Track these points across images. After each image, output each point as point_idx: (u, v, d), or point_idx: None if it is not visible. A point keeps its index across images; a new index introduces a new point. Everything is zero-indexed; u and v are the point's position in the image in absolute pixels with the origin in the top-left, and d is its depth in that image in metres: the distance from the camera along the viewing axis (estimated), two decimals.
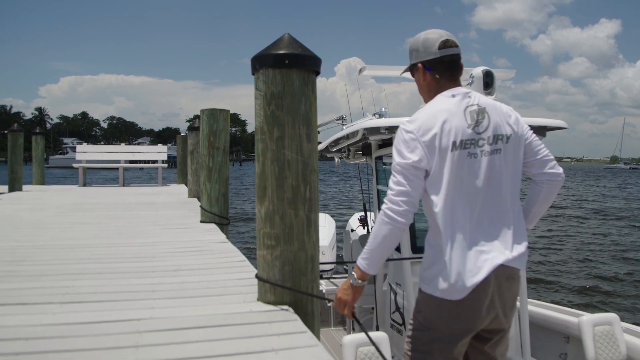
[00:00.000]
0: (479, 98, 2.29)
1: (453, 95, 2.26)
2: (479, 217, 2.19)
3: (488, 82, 4.17)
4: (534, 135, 2.39)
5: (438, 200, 2.16)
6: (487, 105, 2.28)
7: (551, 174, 2.37)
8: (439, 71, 2.32)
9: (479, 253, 2.15)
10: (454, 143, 2.16)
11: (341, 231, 8.54)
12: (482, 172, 2.19)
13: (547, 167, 2.37)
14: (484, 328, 2.24)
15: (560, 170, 2.39)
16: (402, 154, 2.17)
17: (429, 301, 2.22)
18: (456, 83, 2.34)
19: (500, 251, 2.18)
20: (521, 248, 2.25)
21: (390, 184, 2.17)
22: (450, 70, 2.33)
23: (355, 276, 2.23)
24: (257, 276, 2.73)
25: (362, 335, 3.36)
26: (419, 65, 2.35)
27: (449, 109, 2.21)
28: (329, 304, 6.66)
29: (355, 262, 2.28)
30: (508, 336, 2.37)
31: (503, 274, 2.18)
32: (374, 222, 5.66)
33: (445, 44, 2.30)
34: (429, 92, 2.37)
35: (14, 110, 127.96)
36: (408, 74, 2.53)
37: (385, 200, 2.16)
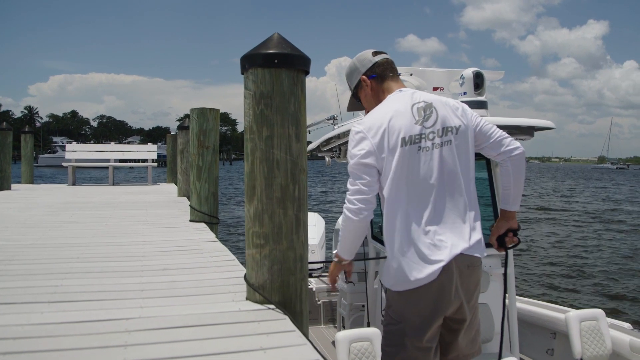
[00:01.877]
0: (425, 95, 2.43)
1: (397, 96, 2.42)
2: (435, 207, 2.30)
3: (478, 83, 4.21)
4: (484, 120, 2.52)
5: (390, 197, 2.29)
6: (434, 100, 2.41)
7: (509, 150, 2.48)
8: (380, 72, 2.52)
9: (438, 242, 2.26)
10: (403, 139, 2.28)
11: (330, 229, 8.55)
12: (434, 164, 2.31)
13: (503, 147, 2.48)
14: (451, 317, 2.34)
15: (517, 144, 2.51)
16: (353, 154, 2.32)
17: (397, 295, 2.34)
18: (399, 83, 2.52)
19: (458, 240, 2.29)
20: (477, 235, 2.36)
21: (347, 184, 2.33)
22: (390, 70, 2.53)
23: (336, 259, 2.55)
24: (245, 279, 2.74)
25: (355, 331, 3.38)
26: (362, 77, 2.55)
27: (396, 109, 2.34)
28: (319, 302, 6.68)
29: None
30: (476, 323, 2.48)
31: (463, 262, 2.29)
32: None
33: (377, 52, 2.57)
34: (377, 100, 2.52)
35: (3, 108, 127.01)
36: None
37: (345, 199, 2.32)
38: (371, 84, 2.54)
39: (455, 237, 2.29)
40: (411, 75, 4.45)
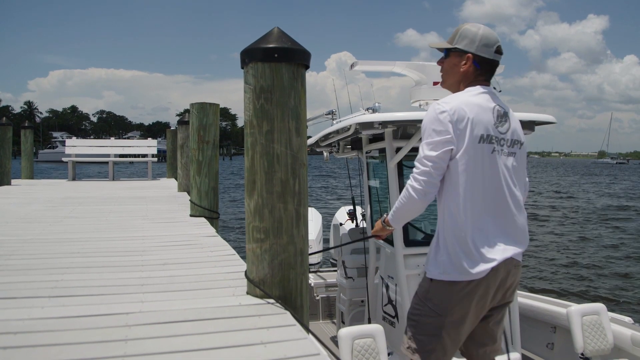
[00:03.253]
0: (501, 102, 2.43)
1: (483, 92, 2.38)
2: (495, 210, 2.32)
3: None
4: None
5: (462, 190, 2.27)
6: (508, 110, 2.43)
7: (527, 183, 2.64)
8: (484, 70, 2.43)
9: (495, 243, 2.29)
10: (482, 136, 2.27)
11: (328, 224, 8.56)
12: (500, 170, 2.32)
13: (525, 178, 2.61)
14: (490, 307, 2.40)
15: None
16: (431, 132, 2.25)
17: (443, 288, 2.32)
18: (488, 83, 2.47)
19: (511, 244, 2.33)
20: (525, 246, 2.41)
21: (416, 162, 2.26)
22: (491, 73, 2.47)
23: (385, 223, 2.55)
24: (246, 274, 2.74)
25: (358, 327, 3.38)
26: (469, 55, 2.40)
27: (480, 104, 2.32)
28: (317, 298, 6.68)
29: (343, 259, 2.38)
30: (504, 321, 2.57)
31: (511, 263, 2.34)
32: (362, 217, 5.68)
33: (499, 50, 2.44)
34: (459, 81, 2.46)
35: (2, 104, 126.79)
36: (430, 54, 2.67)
37: (411, 176, 2.26)
38: (468, 67, 2.42)
39: (509, 240, 2.33)
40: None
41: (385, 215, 2.57)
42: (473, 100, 2.32)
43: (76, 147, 12.91)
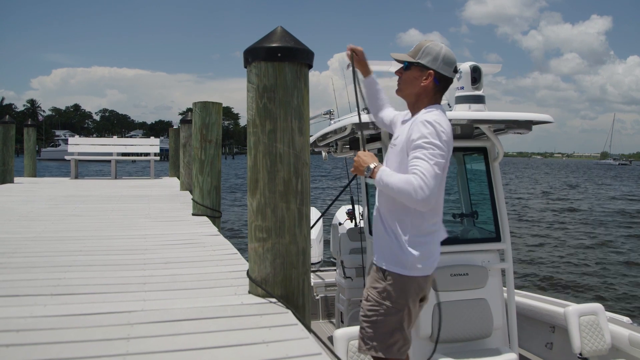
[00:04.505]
0: None
1: (443, 110, 2.57)
2: (440, 212, 2.61)
3: (476, 77, 4.18)
4: None
5: (439, 196, 2.50)
6: None
7: None
8: (442, 87, 2.60)
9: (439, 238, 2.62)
10: (452, 149, 2.50)
11: (328, 224, 8.55)
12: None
13: None
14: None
15: None
16: (441, 155, 2.35)
17: (403, 285, 2.50)
18: (440, 101, 2.65)
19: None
20: None
21: (430, 171, 2.30)
22: (445, 90, 2.65)
23: (372, 171, 2.42)
24: (248, 273, 2.74)
25: (354, 328, 3.38)
26: (431, 71, 2.54)
27: (447, 121, 2.49)
28: (317, 297, 6.68)
29: (341, 259, 2.42)
30: None
31: None
32: (361, 216, 5.67)
33: (455, 70, 2.61)
34: (417, 93, 2.58)
35: (5, 102, 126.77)
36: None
37: (420, 176, 2.28)
38: (429, 83, 2.55)
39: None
40: None
41: (380, 166, 2.45)
42: (447, 118, 2.51)
43: (79, 145, 12.94)
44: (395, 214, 2.50)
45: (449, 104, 4.41)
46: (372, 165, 2.43)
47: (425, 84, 2.54)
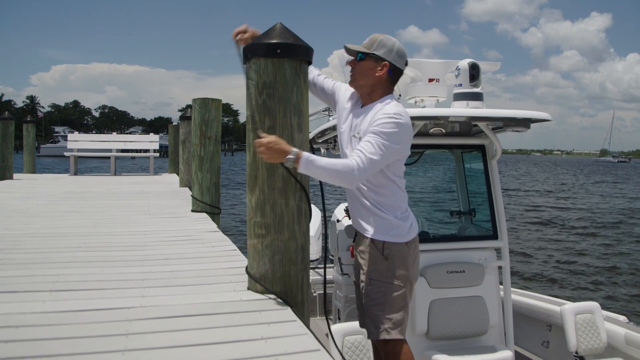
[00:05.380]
0: None
1: (398, 101, 2.78)
2: None
3: (474, 75, 4.19)
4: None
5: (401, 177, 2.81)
6: None
7: None
8: (394, 79, 2.80)
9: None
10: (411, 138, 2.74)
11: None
12: None
13: None
14: None
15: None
16: (393, 141, 2.57)
17: (402, 255, 2.72)
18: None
19: None
20: None
21: (368, 154, 2.50)
22: (397, 82, 2.85)
23: (293, 160, 2.41)
24: (247, 270, 2.74)
25: (350, 324, 3.39)
26: (386, 62, 2.72)
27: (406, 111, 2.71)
28: (314, 294, 6.69)
29: (339, 256, 2.52)
30: None
31: None
32: None
33: (407, 63, 2.83)
34: (372, 84, 2.75)
35: (4, 98, 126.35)
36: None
37: (360, 156, 2.50)
38: (384, 74, 2.72)
39: None
40: None
41: (301, 151, 2.44)
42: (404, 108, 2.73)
43: (78, 141, 12.92)
44: (379, 197, 2.76)
45: (399, 95, 4.43)
46: (294, 151, 2.41)
47: (380, 74, 2.71)
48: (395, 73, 2.76)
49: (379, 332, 2.70)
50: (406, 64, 2.81)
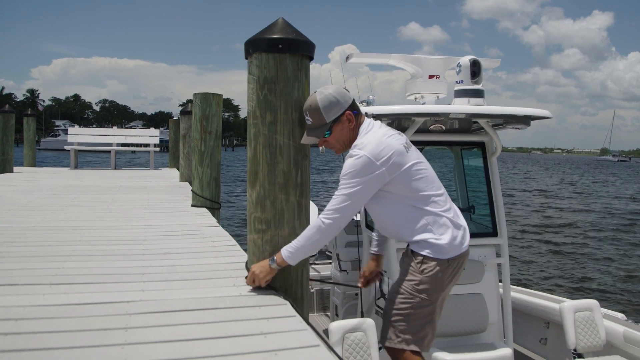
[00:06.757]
0: None
1: (368, 124, 2.61)
2: None
3: (475, 71, 4.17)
4: None
5: (430, 188, 2.67)
6: None
7: None
8: (358, 111, 2.63)
9: None
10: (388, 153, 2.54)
11: None
12: None
13: None
14: None
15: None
16: (356, 176, 2.47)
17: (438, 271, 2.56)
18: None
19: None
20: None
21: (336, 205, 2.46)
22: (359, 108, 2.66)
23: (277, 262, 2.51)
24: (246, 265, 2.74)
25: (349, 321, 3.39)
26: (347, 112, 2.57)
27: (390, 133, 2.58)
28: (311, 290, 6.69)
29: (337, 252, 2.43)
30: None
31: None
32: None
33: (346, 89, 2.72)
34: (351, 137, 2.60)
35: (5, 91, 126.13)
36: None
37: (325, 214, 2.47)
38: (352, 118, 2.58)
39: None
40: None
41: (277, 256, 2.53)
42: (384, 132, 2.57)
43: (79, 135, 12.92)
44: (406, 230, 2.62)
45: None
46: (272, 258, 2.53)
47: (352, 125, 2.58)
48: (353, 107, 2.61)
49: (397, 340, 2.61)
50: (346, 89, 2.71)
